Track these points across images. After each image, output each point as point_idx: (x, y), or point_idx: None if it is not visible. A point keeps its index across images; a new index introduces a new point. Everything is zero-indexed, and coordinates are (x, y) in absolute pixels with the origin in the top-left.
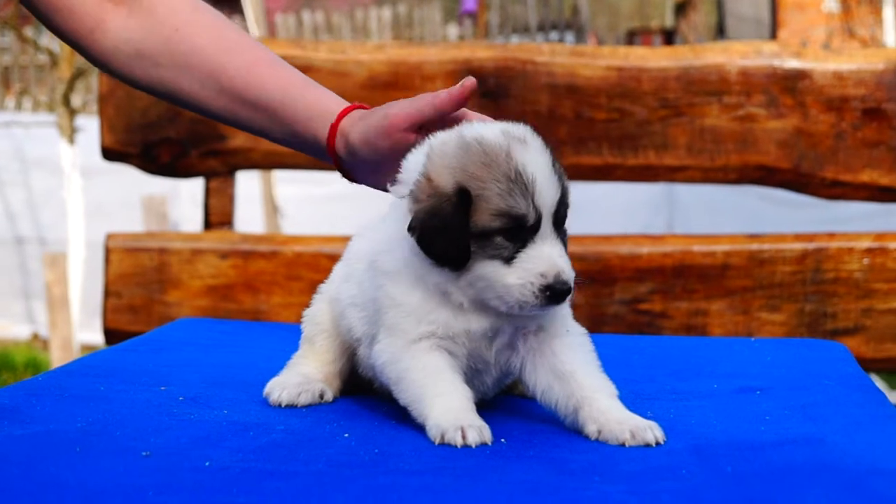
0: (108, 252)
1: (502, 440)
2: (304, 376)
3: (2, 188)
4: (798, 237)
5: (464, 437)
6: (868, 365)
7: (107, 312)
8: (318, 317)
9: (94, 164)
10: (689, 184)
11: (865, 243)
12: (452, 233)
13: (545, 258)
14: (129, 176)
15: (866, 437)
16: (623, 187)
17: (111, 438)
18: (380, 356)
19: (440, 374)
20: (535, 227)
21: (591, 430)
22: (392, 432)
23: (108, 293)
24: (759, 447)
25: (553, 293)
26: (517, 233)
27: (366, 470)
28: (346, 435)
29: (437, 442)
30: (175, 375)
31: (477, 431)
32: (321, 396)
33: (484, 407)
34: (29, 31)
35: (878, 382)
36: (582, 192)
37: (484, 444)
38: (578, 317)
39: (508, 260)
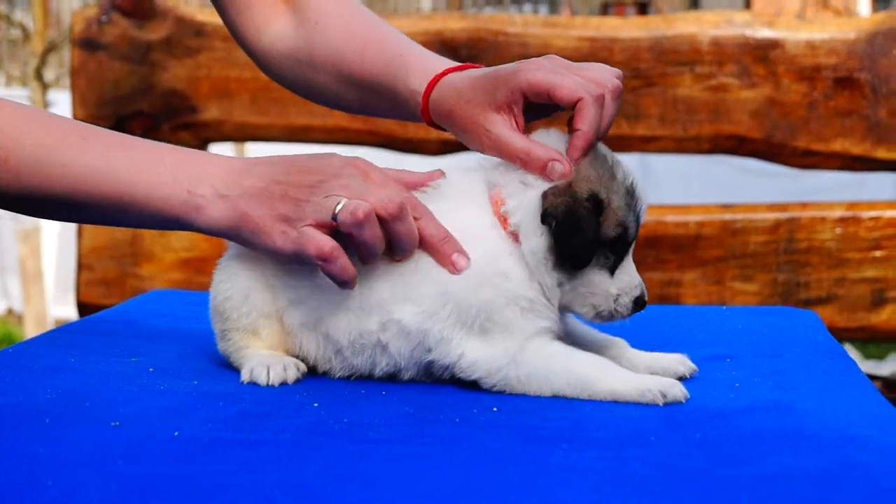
0: (80, 226)
1: (494, 408)
2: (277, 355)
3: None
4: (771, 207)
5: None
6: (841, 334)
7: (80, 286)
8: (253, 301)
9: None
10: (662, 154)
11: (838, 213)
12: (587, 233)
13: (633, 272)
14: None
15: (836, 404)
16: None
17: (81, 409)
18: (487, 360)
19: (576, 352)
20: (630, 243)
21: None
22: (362, 402)
23: (81, 267)
24: (729, 414)
25: (637, 304)
26: (620, 246)
27: (335, 438)
28: (316, 405)
29: (659, 402)
30: (146, 347)
31: (681, 390)
32: (297, 369)
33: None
34: (1, 7)
35: (852, 352)
36: None
37: (454, 413)
38: None
39: (611, 271)
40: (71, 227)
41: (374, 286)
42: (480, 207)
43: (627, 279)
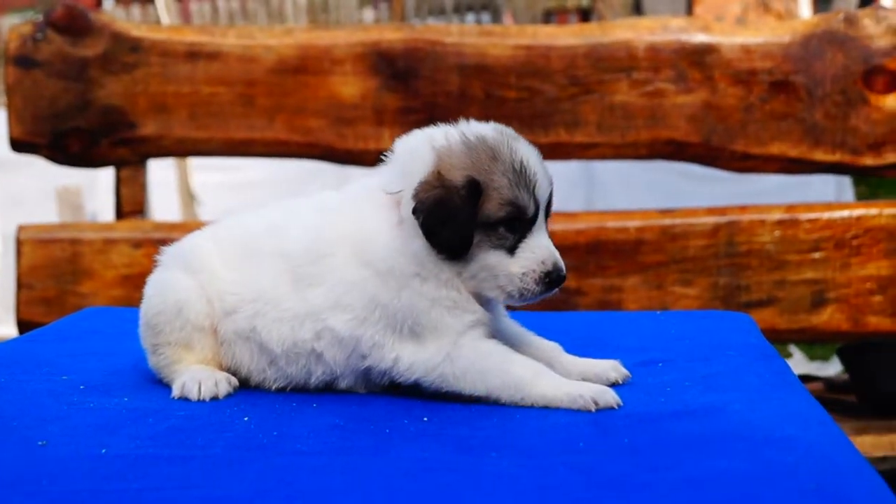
0: (19, 244)
1: (424, 419)
2: (209, 369)
3: None
4: (710, 211)
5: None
6: (783, 336)
7: (20, 305)
8: (187, 314)
9: (9, 157)
10: (602, 160)
11: (777, 215)
12: (459, 222)
13: (543, 248)
14: (45, 168)
15: (765, 407)
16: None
17: (8, 428)
18: (423, 361)
19: (512, 353)
20: (533, 219)
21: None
22: (292, 415)
23: (20, 285)
24: (658, 418)
25: (551, 280)
26: (518, 224)
27: (263, 452)
28: (246, 419)
29: (591, 408)
30: (77, 364)
31: (612, 396)
32: (230, 383)
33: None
34: None
35: (797, 353)
36: None
37: (384, 424)
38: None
39: (511, 250)
40: (13, 246)
41: (306, 295)
42: (386, 208)
43: (532, 256)
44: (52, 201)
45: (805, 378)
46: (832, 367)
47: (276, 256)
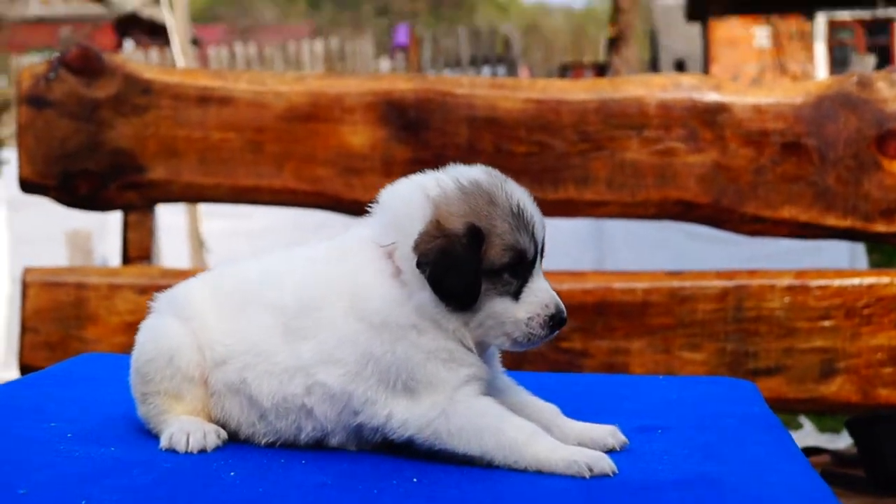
0: (25, 287)
1: (413, 479)
2: (198, 421)
3: None
4: (719, 274)
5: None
6: (791, 405)
7: (24, 348)
8: (178, 363)
9: (19, 196)
10: (610, 219)
11: (786, 281)
12: (466, 270)
13: (545, 291)
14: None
15: (765, 477)
16: (551, 223)
17: None
18: (417, 417)
19: (509, 414)
20: (532, 263)
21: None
22: (279, 471)
23: (24, 329)
24: (653, 487)
25: (555, 323)
26: (520, 269)
27: None
28: (232, 473)
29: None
30: (67, 412)
31: (608, 463)
32: (218, 436)
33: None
34: None
35: (807, 425)
36: None
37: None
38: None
39: (515, 295)
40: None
41: (298, 348)
42: (379, 259)
43: (535, 300)
44: (61, 243)
45: (813, 450)
46: (843, 440)
47: (268, 308)
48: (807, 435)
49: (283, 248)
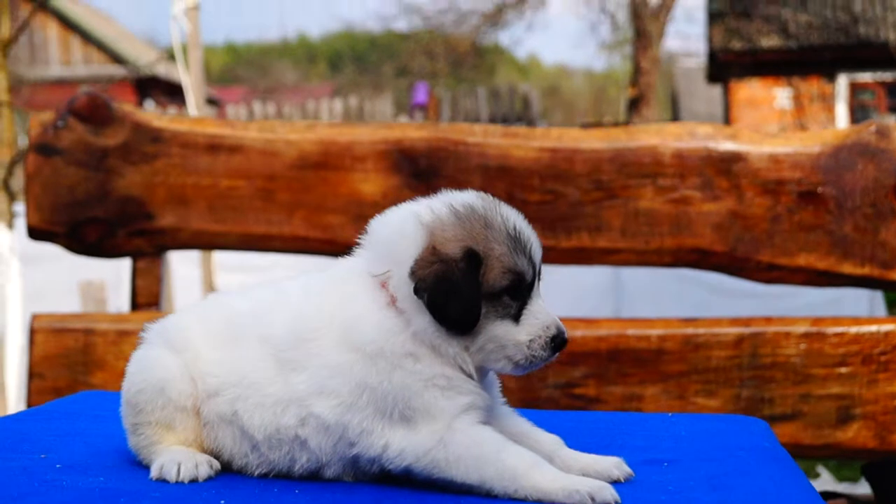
0: (32, 333)
1: None
2: (190, 451)
3: None
4: (734, 321)
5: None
6: (807, 452)
7: (31, 394)
8: (169, 393)
9: (35, 250)
10: (624, 266)
11: (802, 328)
12: (465, 294)
13: (544, 313)
14: (70, 262)
15: None
16: (569, 274)
17: None
18: (414, 446)
19: (508, 442)
20: (531, 284)
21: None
22: (272, 500)
23: (32, 375)
24: None
25: (556, 345)
26: (519, 291)
27: None
28: (222, 502)
29: None
30: (59, 444)
31: (611, 493)
32: (210, 466)
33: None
34: None
35: (825, 473)
36: None
37: None
38: (511, 401)
39: (515, 318)
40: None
41: (290, 380)
42: (372, 289)
43: (536, 322)
44: (75, 295)
45: (829, 495)
46: (860, 488)
47: (259, 340)
48: (824, 483)
49: (273, 281)
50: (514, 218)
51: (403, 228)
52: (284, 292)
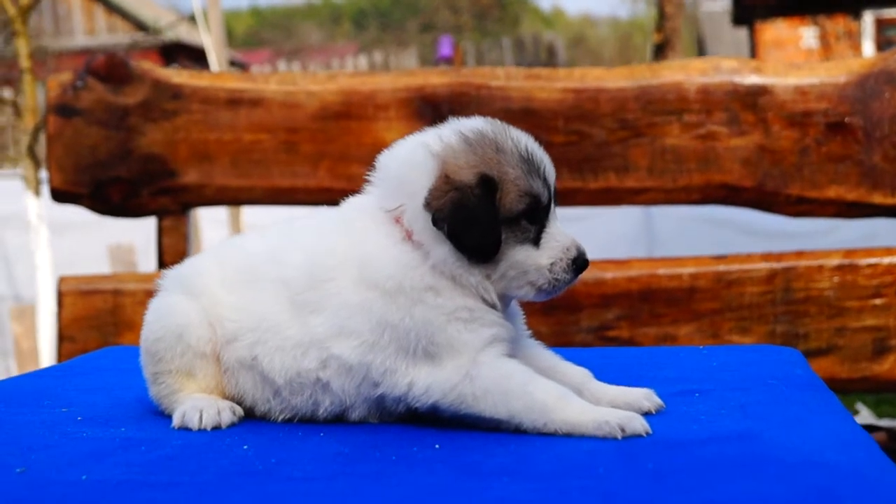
0: (60, 296)
1: (436, 446)
2: (212, 398)
3: None
4: (765, 257)
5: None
6: (845, 385)
7: (61, 357)
8: (188, 339)
9: (66, 218)
10: (652, 205)
11: (835, 261)
12: (484, 220)
13: (563, 235)
14: (100, 229)
15: (805, 432)
16: (601, 221)
17: None
18: (440, 382)
19: (536, 376)
20: (547, 207)
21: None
22: (295, 442)
23: (62, 337)
24: (688, 444)
25: (578, 266)
26: (536, 214)
27: (257, 478)
28: (245, 447)
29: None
30: (81, 398)
31: (641, 424)
32: (234, 412)
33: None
34: None
35: (864, 410)
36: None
37: (392, 451)
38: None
39: (535, 242)
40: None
41: (309, 322)
42: (386, 225)
43: (556, 244)
44: (104, 261)
45: (868, 428)
46: None
47: (276, 283)
48: (864, 419)
49: (286, 221)
50: (524, 140)
51: (414, 160)
52: (297, 233)
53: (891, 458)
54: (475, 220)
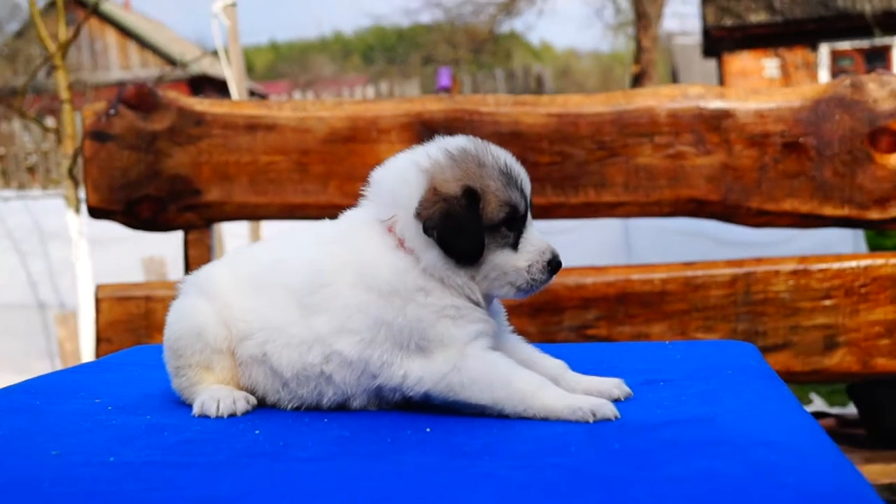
0: (98, 302)
1: (427, 429)
2: (228, 388)
3: (24, 258)
4: (729, 263)
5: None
6: (799, 377)
7: (99, 357)
8: (206, 337)
9: (107, 234)
10: (628, 218)
11: (790, 266)
12: (470, 228)
13: (539, 240)
14: (135, 242)
15: (756, 416)
16: (584, 234)
17: (29, 442)
18: (431, 373)
19: (518, 366)
20: (524, 215)
21: (578, 392)
22: (302, 428)
23: (99, 339)
24: (651, 427)
25: (552, 268)
26: (514, 221)
27: (265, 459)
28: (257, 431)
29: (590, 419)
30: (113, 390)
31: (611, 409)
32: (248, 402)
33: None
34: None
35: (817, 399)
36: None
37: (387, 434)
38: (531, 344)
39: (514, 246)
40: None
41: (312, 322)
42: (381, 234)
43: (533, 248)
44: (140, 273)
45: (819, 415)
46: (850, 412)
47: (282, 287)
48: (817, 407)
49: (291, 231)
50: (503, 156)
51: (405, 175)
52: (300, 243)
53: (839, 441)
54: (461, 227)
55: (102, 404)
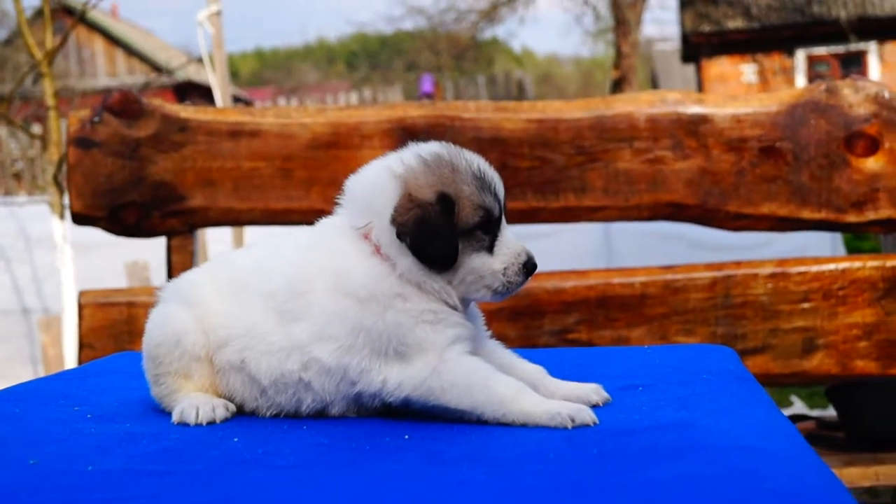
0: (81, 307)
1: (406, 436)
2: (207, 396)
3: (9, 264)
4: (708, 266)
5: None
6: (778, 380)
7: (81, 363)
8: (185, 345)
9: (90, 239)
10: (608, 223)
11: (769, 269)
12: (443, 233)
13: (513, 242)
14: (119, 248)
15: (734, 420)
16: (565, 238)
17: (6, 451)
18: (410, 378)
19: (496, 371)
20: (499, 219)
21: (557, 397)
22: (281, 435)
23: (82, 345)
24: (629, 432)
25: (528, 269)
26: (489, 225)
27: (243, 467)
28: (236, 439)
29: (568, 425)
30: (93, 398)
31: (589, 415)
32: (227, 409)
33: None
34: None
35: (798, 402)
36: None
37: (366, 441)
38: (512, 348)
39: (489, 250)
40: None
41: (291, 329)
42: (357, 241)
43: (508, 251)
44: (124, 279)
45: (799, 417)
46: (829, 414)
47: (260, 295)
48: (797, 410)
49: (269, 238)
50: (476, 161)
51: (379, 182)
52: (279, 249)
53: (819, 443)
54: (435, 233)
55: (81, 412)
